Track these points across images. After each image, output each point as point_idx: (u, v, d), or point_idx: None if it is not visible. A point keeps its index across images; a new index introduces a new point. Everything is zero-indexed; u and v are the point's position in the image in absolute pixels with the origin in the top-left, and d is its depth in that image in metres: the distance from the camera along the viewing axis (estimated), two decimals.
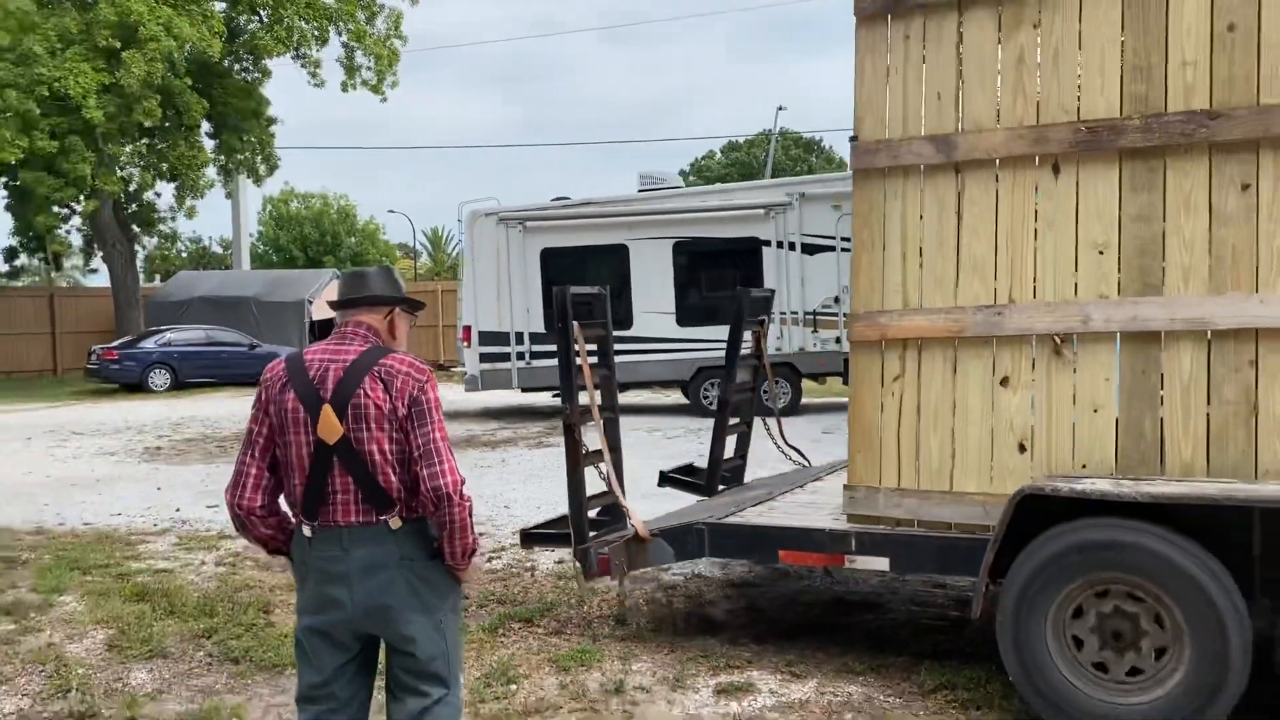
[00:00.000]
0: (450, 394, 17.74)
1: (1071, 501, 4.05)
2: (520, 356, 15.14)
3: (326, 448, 2.96)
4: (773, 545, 4.93)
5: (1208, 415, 4.15)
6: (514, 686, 4.72)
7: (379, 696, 3.29)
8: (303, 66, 27.88)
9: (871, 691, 4.61)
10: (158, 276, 40.26)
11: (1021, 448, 4.44)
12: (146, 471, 12.02)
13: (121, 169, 26.41)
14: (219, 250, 45.86)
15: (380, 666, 3.23)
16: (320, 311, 28.29)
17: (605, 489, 5.21)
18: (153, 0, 22.80)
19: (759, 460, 7.08)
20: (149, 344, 24.33)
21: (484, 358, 15.44)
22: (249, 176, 29.42)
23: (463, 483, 2.97)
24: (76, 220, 28.07)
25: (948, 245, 4.58)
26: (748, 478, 6.64)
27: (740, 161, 48.90)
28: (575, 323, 5.07)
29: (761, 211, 14.77)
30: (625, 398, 17.68)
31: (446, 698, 3.11)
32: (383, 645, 3.15)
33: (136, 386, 23.58)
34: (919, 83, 4.64)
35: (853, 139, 4.80)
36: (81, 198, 24.88)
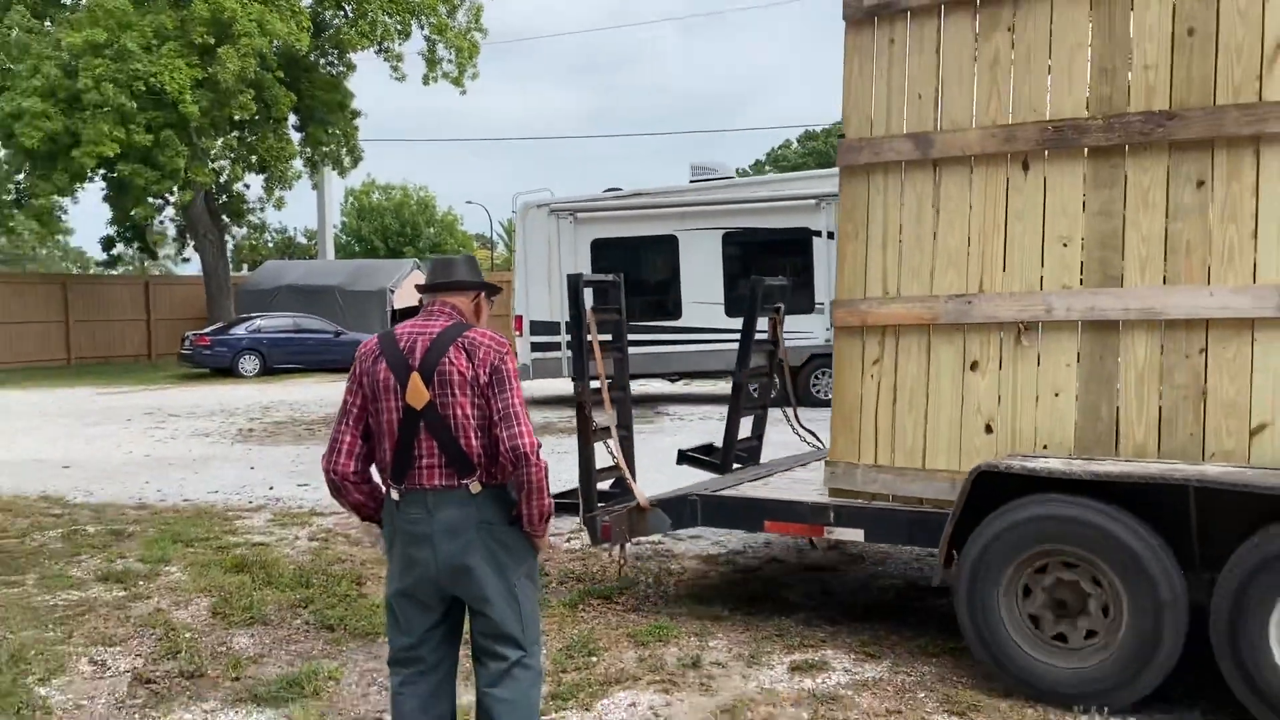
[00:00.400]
0: None
1: (1026, 479, 4.36)
2: (570, 345, 15.27)
3: (414, 413, 3.23)
4: (759, 515, 5.31)
5: (1159, 400, 4.42)
6: (594, 658, 4.93)
7: (466, 664, 3.55)
8: (385, 60, 28.86)
9: (945, 672, 4.72)
10: (245, 266, 41.91)
11: (988, 429, 4.75)
12: (240, 452, 12.62)
13: (213, 161, 27.64)
14: (303, 240, 47.41)
15: (466, 637, 3.47)
16: (401, 300, 29.25)
17: (616, 463, 5.64)
18: None
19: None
20: (239, 330, 25.41)
21: (534, 346, 15.69)
22: (333, 168, 30.49)
23: (539, 446, 3.21)
24: (169, 211, 29.44)
25: (925, 238, 4.90)
26: (764, 458, 6.99)
27: (817, 150, 48.76)
28: (588, 308, 5.51)
29: (812, 202, 14.85)
30: (695, 387, 18.13)
31: (524, 660, 3.32)
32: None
33: (227, 371, 24.66)
34: (901, 84, 4.97)
35: (840, 137, 5.15)
36: (176, 189, 26.10)
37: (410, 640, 3.37)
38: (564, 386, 18.89)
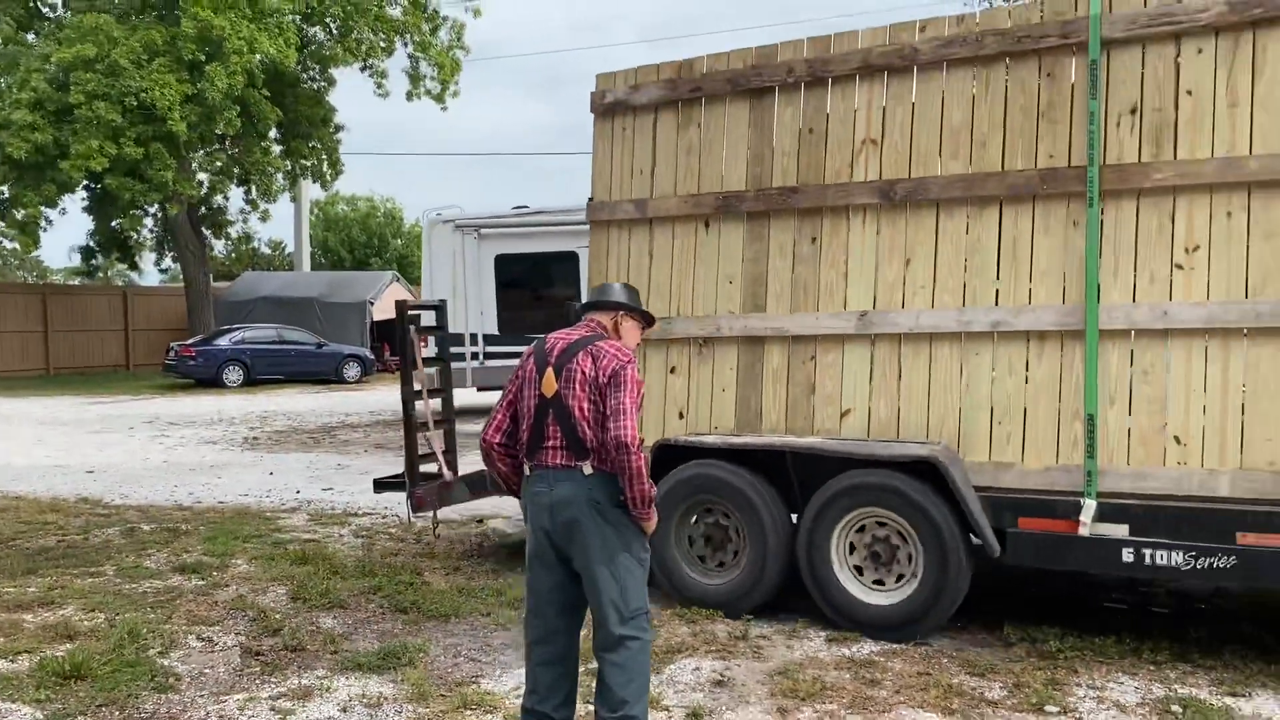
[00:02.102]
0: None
1: (688, 448, 6.57)
2: (475, 357, 16.79)
3: (545, 400, 4.13)
4: None
5: (787, 393, 6.61)
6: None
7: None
8: (370, 76, 31.31)
9: (960, 644, 5.89)
10: (210, 276, 44.61)
11: (680, 415, 6.94)
12: (252, 459, 13.95)
13: (199, 174, 30.09)
14: (266, 251, 49.98)
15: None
16: (381, 312, 31.63)
17: (438, 449, 7.85)
18: (234, 16, 25.91)
19: None
20: (223, 341, 27.80)
21: None
22: (315, 181, 32.95)
23: (641, 441, 3.99)
24: (149, 222, 31.85)
25: (642, 275, 7.10)
26: None
27: None
28: (412, 328, 7.74)
29: None
30: None
31: (629, 628, 4.04)
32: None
33: (211, 382, 26.98)
34: (629, 162, 7.17)
35: (590, 199, 7.39)
36: (162, 201, 28.33)
37: (535, 601, 4.20)
38: (471, 398, 19.95)
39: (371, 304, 31.28)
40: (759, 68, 6.71)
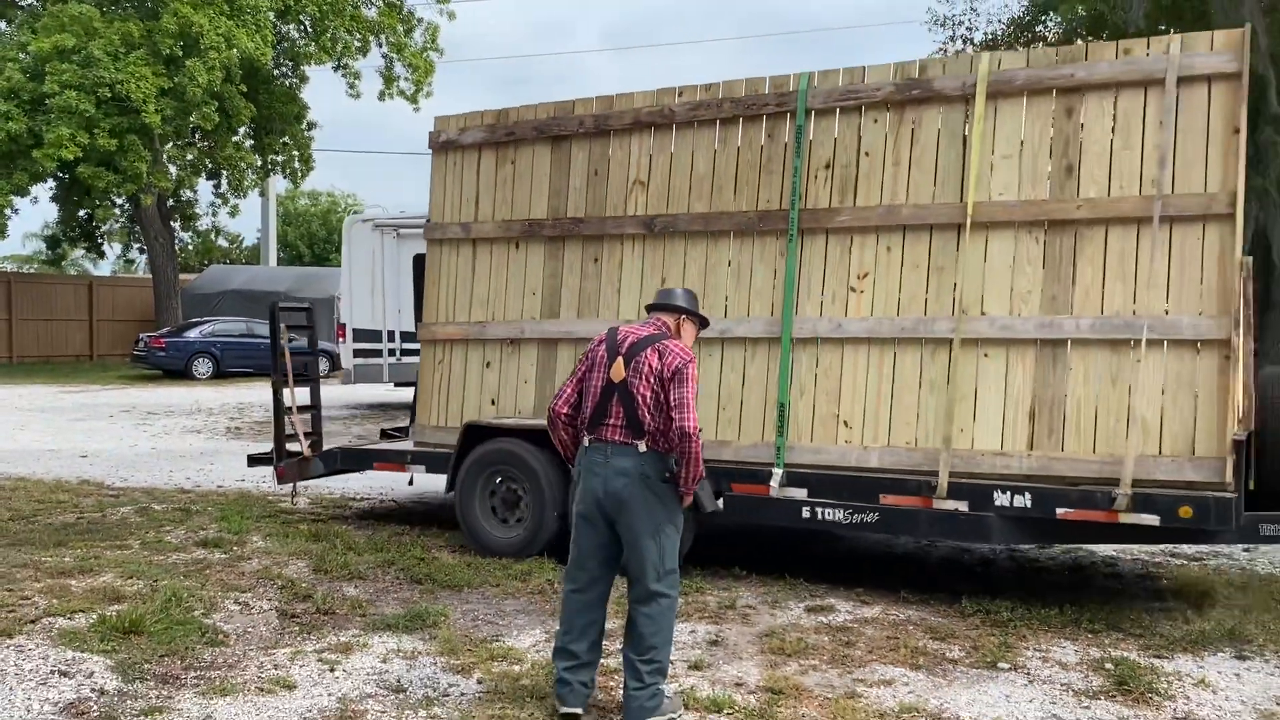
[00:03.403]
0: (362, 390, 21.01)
1: (487, 428, 8.58)
2: (391, 353, 18.25)
3: (612, 385, 4.91)
4: (371, 459, 9.47)
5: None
6: None
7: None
8: (343, 76, 33.39)
9: (924, 614, 6.87)
10: (178, 268, 46.65)
11: (493, 402, 8.95)
12: (238, 447, 14.75)
13: (175, 166, 32.15)
14: (224, 244, 52.14)
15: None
16: None
17: (305, 429, 9.88)
18: (212, 12, 27.82)
19: None
20: (193, 334, 29.65)
21: (357, 353, 18.52)
22: (286, 177, 35.06)
23: (700, 430, 4.81)
24: (115, 212, 33.86)
25: (465, 286, 9.12)
26: None
27: None
28: (283, 324, 9.76)
29: None
30: None
31: (660, 587, 4.84)
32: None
33: (180, 373, 28.80)
34: (459, 190, 9.19)
35: (428, 220, 9.43)
36: (136, 192, 30.20)
37: (579, 554, 5.00)
38: (386, 394, 21.61)
39: (338, 299, 33.11)
40: (558, 118, 8.74)
